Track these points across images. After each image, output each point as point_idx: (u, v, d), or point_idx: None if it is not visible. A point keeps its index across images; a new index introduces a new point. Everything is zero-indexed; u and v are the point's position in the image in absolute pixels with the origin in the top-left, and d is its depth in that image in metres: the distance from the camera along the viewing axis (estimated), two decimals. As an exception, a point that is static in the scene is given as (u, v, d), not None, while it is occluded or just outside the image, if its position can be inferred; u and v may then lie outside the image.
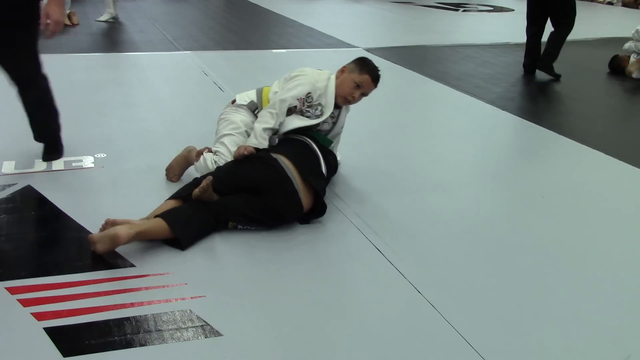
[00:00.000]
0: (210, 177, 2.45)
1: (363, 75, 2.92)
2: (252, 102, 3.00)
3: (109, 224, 2.32)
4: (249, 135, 2.83)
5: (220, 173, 2.60)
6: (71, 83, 4.73)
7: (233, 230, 2.50)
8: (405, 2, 11.29)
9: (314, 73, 2.97)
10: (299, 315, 2.03)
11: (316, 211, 2.61)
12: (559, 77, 5.71)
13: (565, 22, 5.70)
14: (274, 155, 2.61)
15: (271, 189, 2.50)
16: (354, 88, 2.91)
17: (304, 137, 2.82)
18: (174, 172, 2.93)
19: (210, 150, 2.89)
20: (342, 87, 2.92)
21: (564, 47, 5.73)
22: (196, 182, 2.52)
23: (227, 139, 2.89)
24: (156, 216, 2.37)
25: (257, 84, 4.59)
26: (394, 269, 2.33)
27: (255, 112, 2.97)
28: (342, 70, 2.97)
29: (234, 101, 3.08)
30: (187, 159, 2.93)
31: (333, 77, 2.97)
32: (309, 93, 2.86)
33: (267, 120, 2.78)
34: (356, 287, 2.22)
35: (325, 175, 2.75)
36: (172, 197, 2.53)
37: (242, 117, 2.95)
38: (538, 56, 5.84)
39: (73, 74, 5.03)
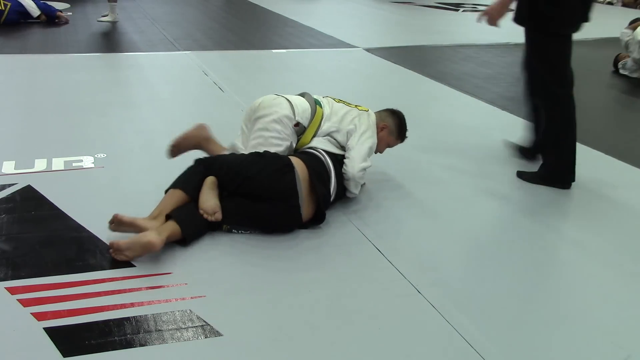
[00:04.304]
0: (220, 217, 2.43)
1: (398, 141, 3.08)
2: (302, 126, 2.82)
3: (116, 220, 2.37)
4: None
5: (231, 172, 2.53)
6: (71, 83, 4.73)
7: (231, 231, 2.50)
8: (405, 2, 11.28)
9: (373, 126, 2.91)
10: (299, 315, 2.03)
11: (315, 220, 2.60)
12: None
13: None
14: (292, 160, 2.58)
15: (275, 200, 2.48)
16: (386, 147, 3.06)
17: (321, 152, 2.74)
18: (179, 149, 2.86)
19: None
20: (379, 144, 2.96)
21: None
22: (200, 170, 2.52)
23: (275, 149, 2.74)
24: (167, 215, 2.38)
25: (257, 83, 4.60)
26: (394, 269, 2.33)
27: (300, 136, 2.84)
28: (383, 128, 2.96)
29: (288, 101, 2.85)
30: (198, 140, 2.86)
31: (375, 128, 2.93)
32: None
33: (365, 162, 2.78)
34: (356, 287, 2.22)
35: (335, 189, 2.69)
36: (176, 187, 2.50)
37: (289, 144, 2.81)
38: None
39: (73, 74, 5.03)
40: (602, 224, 2.84)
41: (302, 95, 2.96)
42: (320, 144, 2.81)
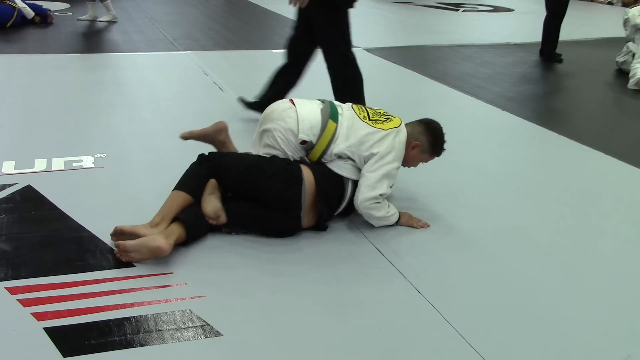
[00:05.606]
0: (224, 220, 2.44)
1: (433, 156, 2.84)
2: (311, 142, 2.61)
3: (117, 232, 2.33)
4: None
5: (237, 177, 2.52)
6: (71, 83, 4.74)
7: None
8: (405, 2, 11.29)
9: (400, 146, 2.68)
10: (299, 315, 2.03)
11: (316, 227, 2.59)
12: (560, 60, 6.43)
13: (554, 11, 6.48)
14: (303, 170, 2.54)
15: (276, 209, 2.47)
16: (420, 163, 2.86)
17: (347, 179, 2.65)
18: (193, 138, 2.80)
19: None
20: (410, 162, 2.79)
21: (565, 47, 5.72)
22: (203, 173, 2.51)
23: None
24: (175, 219, 2.37)
25: (257, 83, 4.59)
26: (394, 269, 2.33)
27: (310, 151, 2.64)
28: (415, 147, 2.72)
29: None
30: (214, 141, 2.80)
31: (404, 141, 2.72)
32: None
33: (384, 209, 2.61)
34: (356, 287, 2.22)
35: (346, 202, 2.64)
36: (180, 189, 2.48)
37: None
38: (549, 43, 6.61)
39: (73, 74, 5.03)
40: (602, 225, 2.84)
41: (322, 102, 2.74)
42: (342, 169, 2.63)
